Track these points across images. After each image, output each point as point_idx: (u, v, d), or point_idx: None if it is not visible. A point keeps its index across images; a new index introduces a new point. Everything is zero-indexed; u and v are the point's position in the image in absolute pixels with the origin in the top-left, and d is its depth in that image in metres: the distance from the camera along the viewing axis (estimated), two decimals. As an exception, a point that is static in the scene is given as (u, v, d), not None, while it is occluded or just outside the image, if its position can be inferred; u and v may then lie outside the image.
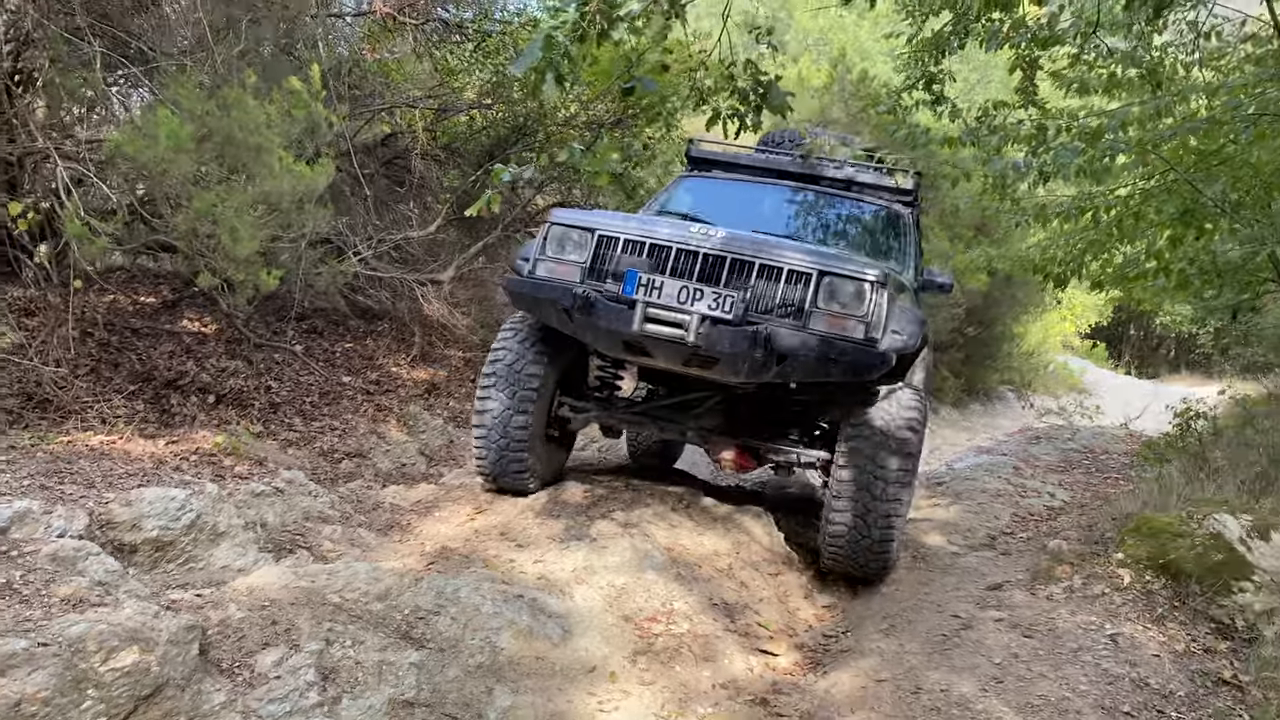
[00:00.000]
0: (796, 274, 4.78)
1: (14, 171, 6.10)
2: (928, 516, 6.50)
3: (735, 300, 4.69)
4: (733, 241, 4.88)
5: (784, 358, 4.67)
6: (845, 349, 4.68)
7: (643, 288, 4.80)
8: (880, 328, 4.74)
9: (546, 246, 5.22)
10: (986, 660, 4.00)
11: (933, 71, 8.60)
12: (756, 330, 4.63)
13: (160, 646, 2.97)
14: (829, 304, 4.74)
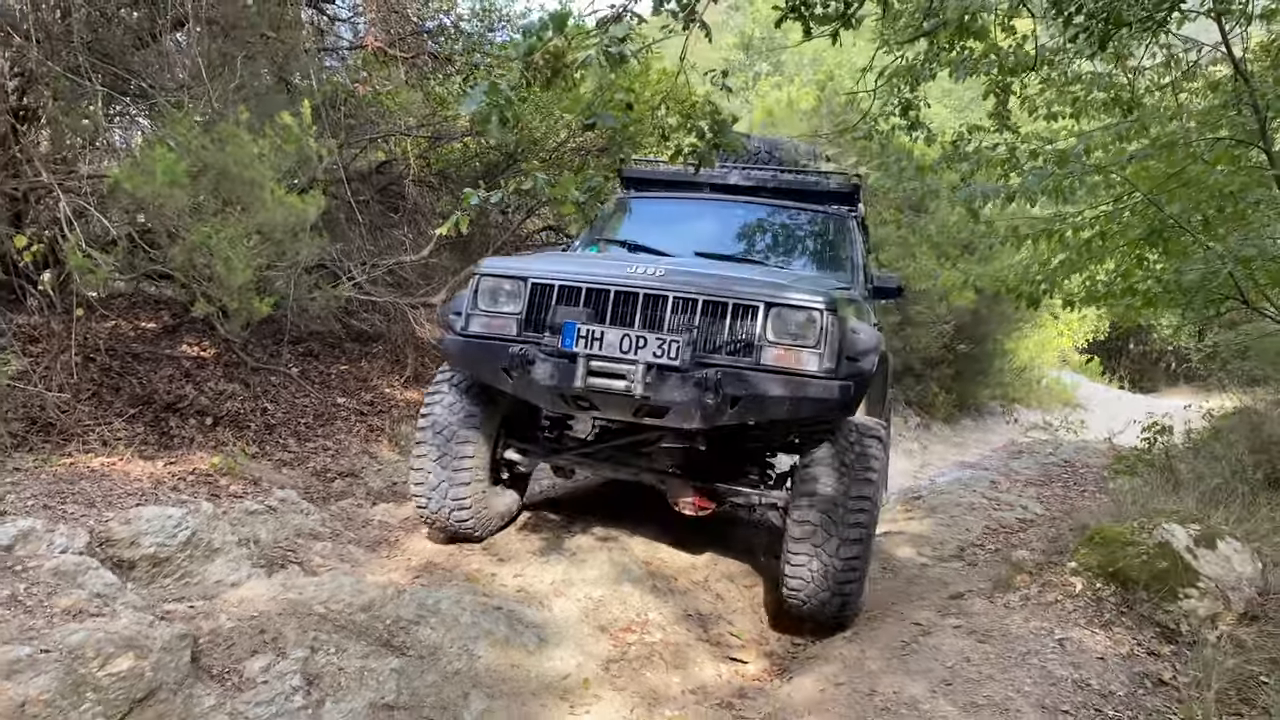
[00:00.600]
0: (743, 307, 4.59)
1: (20, 205, 6.36)
2: (901, 530, 6.71)
3: (681, 345, 4.46)
4: (673, 277, 4.68)
5: (738, 399, 4.49)
6: (801, 384, 4.50)
7: (583, 339, 4.55)
8: (835, 355, 4.56)
9: (478, 300, 4.98)
10: (940, 664, 4.20)
11: (909, 98, 8.87)
12: (705, 375, 4.43)
13: (154, 653, 3.20)
14: (780, 336, 4.56)
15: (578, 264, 5.04)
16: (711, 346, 4.59)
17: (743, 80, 43.15)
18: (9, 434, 5.49)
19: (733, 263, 5.77)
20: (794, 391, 4.47)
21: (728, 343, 4.59)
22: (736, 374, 4.48)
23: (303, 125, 5.92)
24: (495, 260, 5.25)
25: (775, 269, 5.69)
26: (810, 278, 5.40)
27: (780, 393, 4.48)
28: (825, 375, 4.51)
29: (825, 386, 4.48)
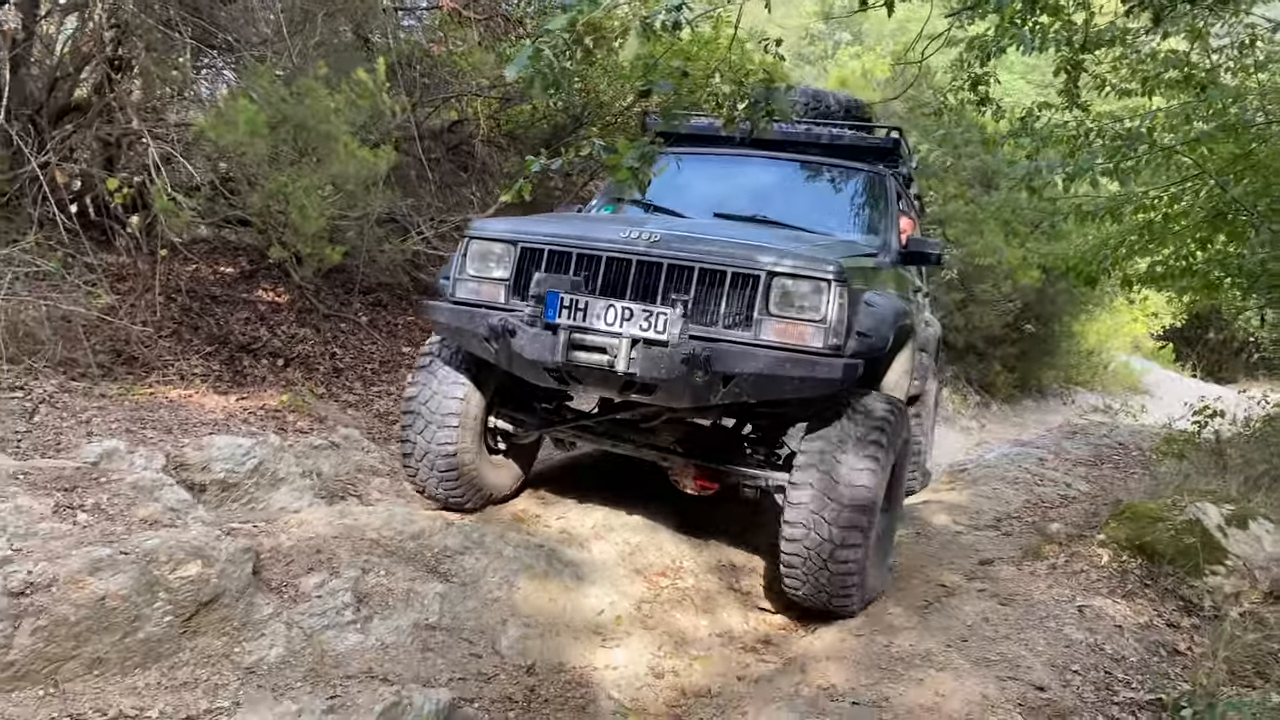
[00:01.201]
0: (742, 276, 4.25)
1: (112, 150, 6.74)
2: (940, 499, 6.82)
3: (670, 318, 4.14)
4: (669, 243, 4.35)
5: (730, 378, 4.16)
6: (802, 361, 4.14)
7: (565, 310, 4.26)
8: (843, 331, 4.20)
9: (467, 264, 4.73)
10: (959, 623, 4.35)
11: (978, 73, 8.83)
12: (693, 352, 4.08)
13: (220, 563, 3.49)
14: (782, 308, 4.21)
15: (575, 226, 4.76)
16: (708, 319, 4.27)
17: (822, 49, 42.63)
18: (97, 364, 5.88)
19: (750, 225, 5.40)
20: (793, 370, 4.12)
21: (725, 315, 4.27)
22: (730, 350, 4.15)
23: (377, 82, 6.18)
24: (486, 221, 5.00)
25: (794, 232, 5.27)
26: (826, 242, 5.00)
27: (777, 372, 4.12)
28: (830, 352, 4.17)
29: (829, 365, 4.13)
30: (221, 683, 3.17)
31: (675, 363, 4.11)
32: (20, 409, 5.00)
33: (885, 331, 4.37)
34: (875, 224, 5.78)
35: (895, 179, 6.15)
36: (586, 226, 4.75)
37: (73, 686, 2.93)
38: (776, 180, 6.00)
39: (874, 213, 5.86)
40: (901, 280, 5.54)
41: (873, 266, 4.91)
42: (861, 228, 5.76)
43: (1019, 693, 3.65)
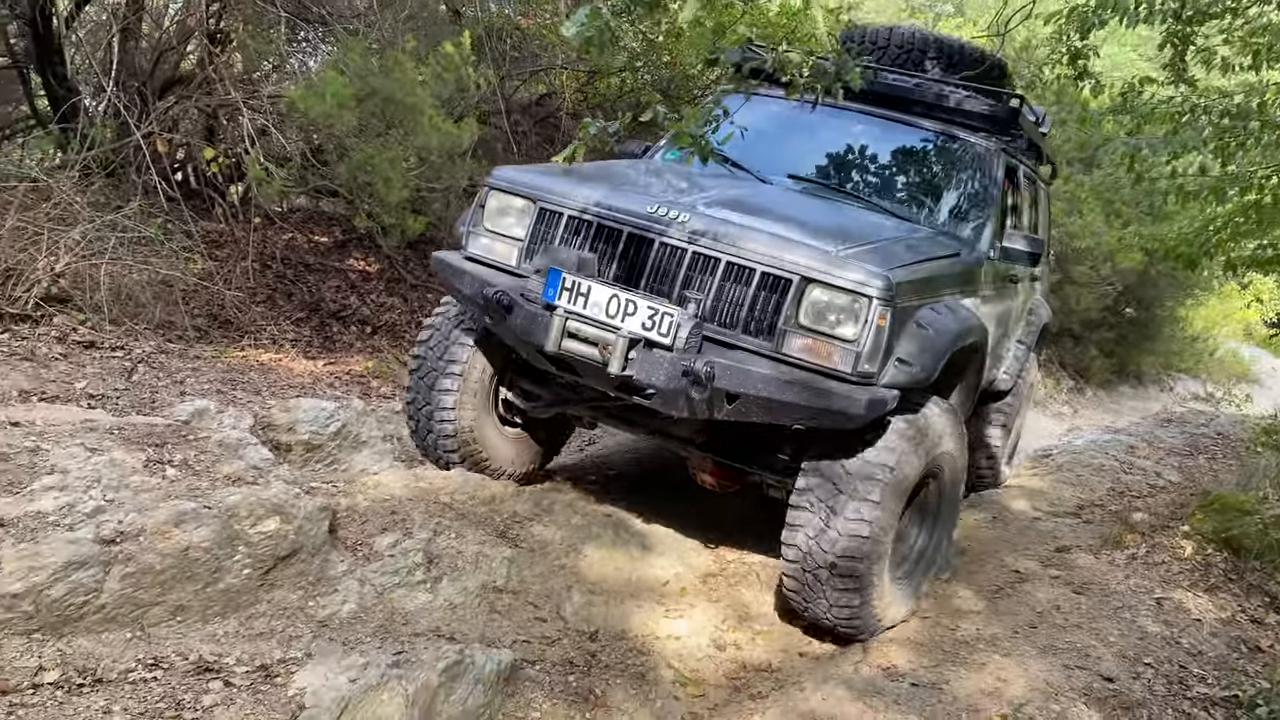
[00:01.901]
0: (772, 277, 3.74)
1: (212, 121, 7.00)
2: (1021, 484, 6.67)
3: (675, 319, 3.69)
4: (700, 223, 3.88)
5: (734, 397, 3.68)
6: (819, 390, 3.61)
7: (566, 292, 3.85)
8: (879, 356, 3.65)
9: (484, 216, 4.34)
10: (1029, 609, 4.28)
11: (1077, 47, 8.53)
12: (692, 365, 3.62)
13: (298, 520, 3.64)
14: (815, 321, 3.70)
15: (607, 187, 4.22)
16: (730, 319, 3.81)
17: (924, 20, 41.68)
18: (193, 327, 6.14)
19: (817, 199, 4.82)
20: (808, 399, 3.61)
21: (749, 318, 3.78)
22: (738, 367, 3.67)
23: (463, 55, 6.28)
24: (508, 170, 4.46)
25: (865, 213, 4.69)
26: (894, 235, 4.34)
27: (788, 398, 3.62)
28: (859, 380, 3.65)
29: (849, 397, 3.58)
30: (295, 634, 3.31)
31: (675, 372, 3.67)
32: (120, 368, 5.26)
33: (933, 359, 3.84)
34: (969, 209, 5.06)
35: (1009, 157, 5.37)
36: (619, 188, 4.24)
37: (157, 631, 3.09)
38: (869, 140, 5.22)
39: (970, 195, 5.12)
40: (990, 278, 4.93)
41: (947, 269, 4.32)
42: (951, 212, 5.05)
43: (1085, 682, 3.58)
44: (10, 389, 4.74)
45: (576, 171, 4.49)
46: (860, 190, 5.02)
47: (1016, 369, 6.13)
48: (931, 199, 5.12)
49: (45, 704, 2.65)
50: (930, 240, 4.56)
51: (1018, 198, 5.64)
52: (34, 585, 2.90)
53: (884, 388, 3.70)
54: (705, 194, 4.26)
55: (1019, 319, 6.06)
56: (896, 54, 5.57)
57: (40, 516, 3.14)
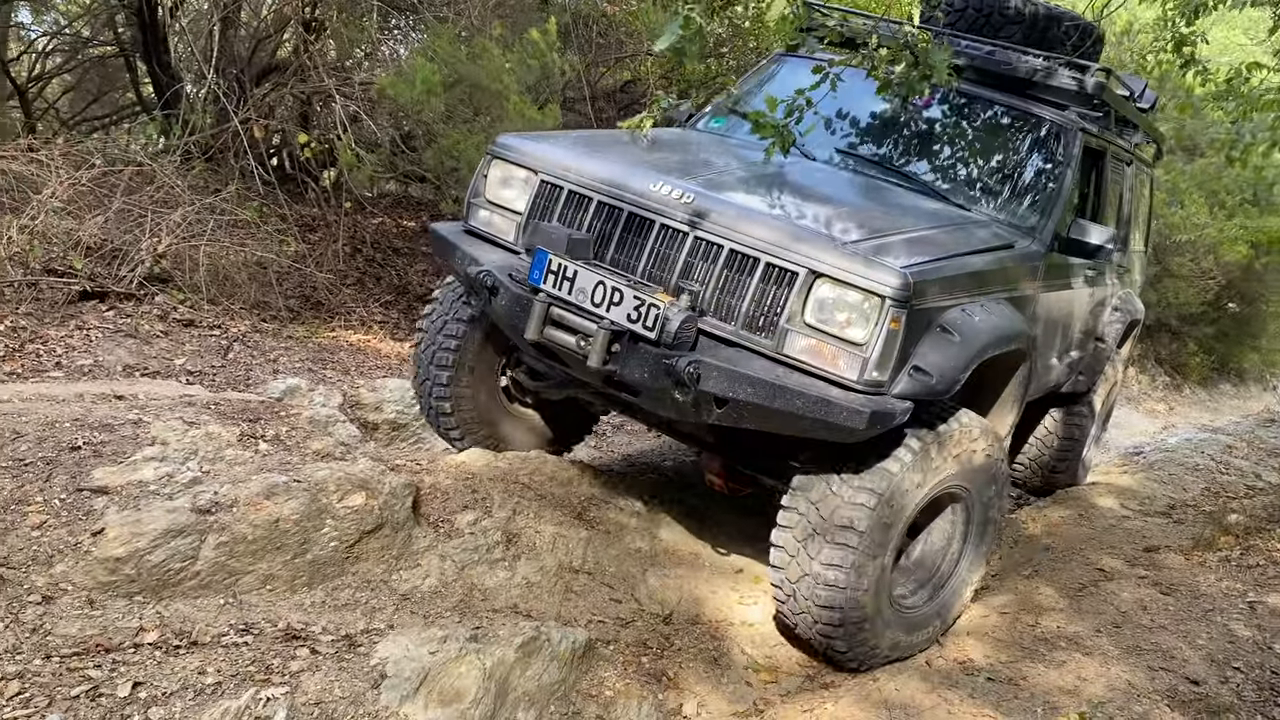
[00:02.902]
0: (777, 269, 3.36)
1: (306, 107, 7.19)
2: (1110, 482, 6.51)
3: (663, 312, 3.33)
4: (705, 204, 3.52)
5: (723, 401, 3.32)
6: (816, 399, 3.21)
7: (552, 275, 3.55)
8: (890, 364, 3.26)
9: (486, 186, 4.05)
10: (1113, 609, 4.18)
11: (1183, 33, 8.23)
12: (675, 364, 3.27)
13: (382, 496, 3.74)
14: (822, 321, 3.31)
15: (616, 160, 3.91)
16: (729, 313, 3.46)
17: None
18: (286, 308, 6.34)
19: (864, 178, 4.45)
20: (805, 408, 3.21)
21: (750, 313, 3.42)
22: (727, 368, 3.30)
23: (548, 42, 6.34)
24: (513, 137, 4.15)
25: (912, 197, 4.27)
26: (934, 223, 3.91)
27: (783, 405, 3.24)
28: (866, 389, 3.26)
29: (851, 409, 3.18)
30: (378, 606, 3.41)
31: (659, 370, 3.34)
32: (217, 346, 5.47)
33: (956, 370, 3.41)
34: (1034, 194, 4.53)
35: (1092, 137, 4.78)
36: (629, 161, 3.89)
37: (248, 598, 3.22)
38: (931, 113, 4.78)
39: (1038, 178, 4.59)
40: (1055, 272, 4.49)
41: (992, 264, 3.86)
42: (1014, 196, 4.55)
43: (1169, 684, 3.49)
44: (115, 364, 4.97)
45: (592, 139, 4.28)
46: (914, 170, 4.56)
47: (1096, 368, 5.76)
48: (993, 181, 4.61)
49: (145, 663, 2.78)
50: (978, 230, 4.09)
51: (1104, 181, 5.12)
52: (135, 550, 3.05)
53: (896, 398, 3.30)
54: (722, 172, 3.93)
55: (1098, 315, 5.58)
56: (974, 18, 5.04)
57: (142, 485, 3.29)
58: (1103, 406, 6.35)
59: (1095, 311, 5.48)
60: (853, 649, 3.63)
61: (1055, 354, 4.96)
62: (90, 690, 2.63)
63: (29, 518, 3.08)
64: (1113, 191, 5.43)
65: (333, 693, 2.87)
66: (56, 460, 3.34)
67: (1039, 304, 4.35)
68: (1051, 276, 4.44)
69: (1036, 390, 4.86)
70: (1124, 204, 5.75)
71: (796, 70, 4.72)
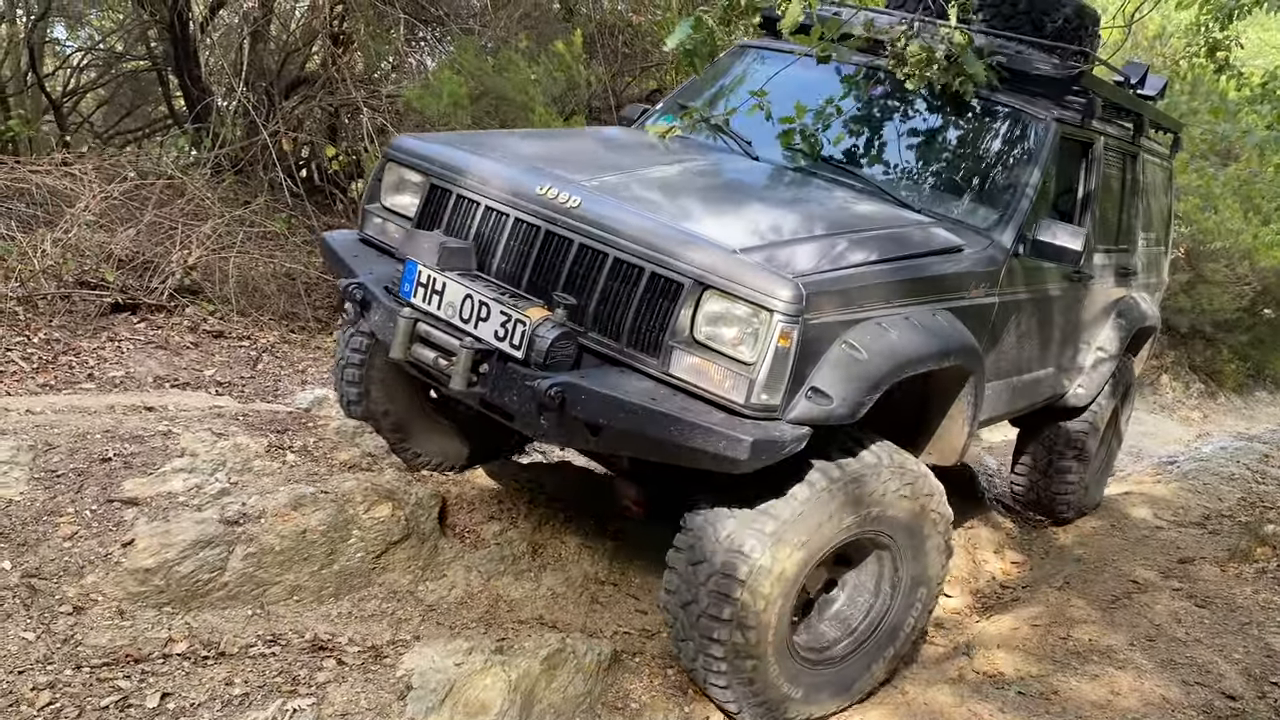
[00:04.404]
0: (663, 279, 3.01)
1: (334, 119, 7.26)
2: (1143, 491, 6.42)
3: (528, 329, 3.02)
4: (593, 209, 3.19)
5: (597, 429, 2.99)
6: (693, 425, 2.84)
7: (421, 289, 3.29)
8: (782, 385, 2.88)
9: (381, 190, 3.78)
10: (1147, 621, 4.12)
11: (1217, 38, 8.14)
12: (538, 387, 2.94)
13: (409, 506, 3.76)
14: (709, 336, 2.96)
15: (519, 158, 3.66)
16: (614, 329, 3.11)
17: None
18: (314, 319, 6.39)
19: (804, 176, 4.06)
20: (681, 435, 2.86)
21: (635, 328, 3.07)
22: (596, 391, 2.94)
23: (574, 53, 6.36)
24: (410, 139, 3.85)
25: (857, 195, 3.92)
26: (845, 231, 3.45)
27: (657, 433, 2.88)
28: (756, 413, 2.88)
29: (731, 436, 2.81)
30: (405, 617, 3.42)
31: (525, 393, 3.02)
32: (246, 357, 5.52)
33: (861, 391, 2.99)
34: (992, 193, 4.10)
35: (1074, 128, 4.34)
36: (523, 163, 3.57)
37: (276, 609, 3.24)
38: (888, 105, 4.35)
39: (996, 176, 4.16)
40: (1020, 278, 4.04)
41: (921, 271, 3.44)
42: (970, 196, 4.12)
43: (1205, 699, 3.43)
44: (146, 375, 5.02)
45: (493, 140, 4.00)
46: (862, 168, 4.18)
47: (1096, 381, 5.21)
48: (949, 178, 4.22)
49: (173, 673, 2.81)
50: (915, 232, 3.67)
51: (1094, 176, 4.65)
52: (165, 561, 3.07)
53: (790, 424, 2.92)
54: (627, 173, 3.62)
55: (1093, 322, 5.12)
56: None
57: (171, 497, 3.32)
58: (1112, 420, 5.81)
59: (1088, 318, 5.01)
60: (738, 699, 3.22)
61: (1037, 366, 4.58)
62: (120, 701, 2.66)
63: (60, 528, 3.12)
64: (1109, 187, 5.02)
65: (359, 704, 2.88)
66: (88, 471, 3.38)
67: (1001, 313, 3.93)
68: (1018, 282, 4.02)
69: (1018, 405, 4.59)
70: (1129, 200, 5.31)
71: (766, 62, 4.57)
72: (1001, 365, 4.15)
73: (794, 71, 4.38)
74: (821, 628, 3.46)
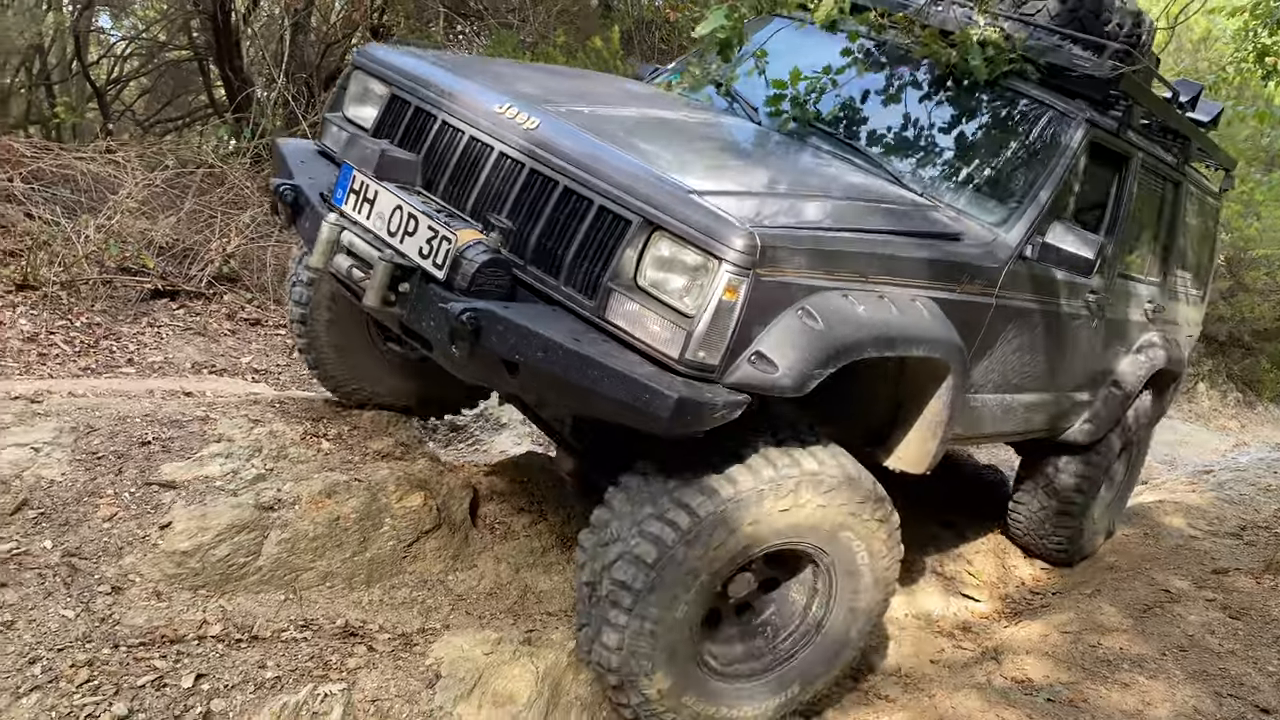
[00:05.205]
0: (610, 215, 2.74)
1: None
2: (1177, 500, 6.34)
3: (452, 247, 2.75)
4: (548, 134, 2.94)
5: (514, 367, 2.69)
6: (617, 374, 2.56)
7: (354, 195, 3.03)
8: (722, 344, 2.59)
9: (345, 100, 3.52)
10: (1180, 632, 4.08)
11: (1266, 43, 8.01)
12: (451, 311, 2.64)
13: (440, 496, 3.78)
14: (654, 282, 2.67)
15: (492, 79, 3.40)
16: (554, 264, 2.84)
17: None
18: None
19: (812, 144, 3.82)
20: (600, 383, 2.58)
21: (574, 265, 2.80)
22: (516, 323, 2.65)
23: (611, 49, 6.36)
24: (379, 48, 3.62)
25: (857, 171, 3.63)
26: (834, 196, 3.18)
27: (579, 379, 2.60)
28: (690, 371, 2.60)
29: (654, 391, 2.53)
30: (434, 606, 3.45)
31: (439, 317, 2.74)
32: (282, 345, 5.57)
33: (810, 362, 2.68)
34: (1004, 187, 3.82)
35: (1102, 135, 4.00)
36: (490, 83, 3.32)
37: (308, 595, 3.27)
38: (928, 89, 4.07)
39: (1012, 169, 3.88)
40: (1025, 284, 3.72)
41: (913, 250, 3.15)
42: (980, 186, 3.84)
43: (1238, 711, 3.40)
44: (184, 361, 5.09)
45: (474, 63, 3.76)
46: (869, 145, 3.91)
47: (1106, 417, 4.78)
48: (960, 165, 3.92)
49: (208, 655, 2.85)
50: (910, 212, 3.38)
51: (1125, 196, 4.33)
52: (200, 544, 3.12)
53: (727, 389, 2.64)
54: (600, 105, 3.39)
55: (1109, 356, 4.72)
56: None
57: (208, 481, 3.37)
58: (1121, 464, 5.34)
59: (1104, 348, 4.62)
60: (632, 703, 2.93)
61: (1037, 388, 4.21)
62: (156, 680, 2.70)
63: (100, 510, 3.17)
64: (1144, 212, 4.66)
65: (389, 690, 2.91)
66: (127, 454, 3.43)
67: (997, 317, 3.58)
68: (1022, 288, 3.71)
69: (1011, 427, 4.23)
70: (1165, 231, 4.96)
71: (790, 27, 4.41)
72: (993, 377, 3.82)
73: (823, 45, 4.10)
74: (735, 640, 3.15)
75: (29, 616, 2.73)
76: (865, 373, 3.03)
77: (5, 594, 2.76)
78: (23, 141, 6.38)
